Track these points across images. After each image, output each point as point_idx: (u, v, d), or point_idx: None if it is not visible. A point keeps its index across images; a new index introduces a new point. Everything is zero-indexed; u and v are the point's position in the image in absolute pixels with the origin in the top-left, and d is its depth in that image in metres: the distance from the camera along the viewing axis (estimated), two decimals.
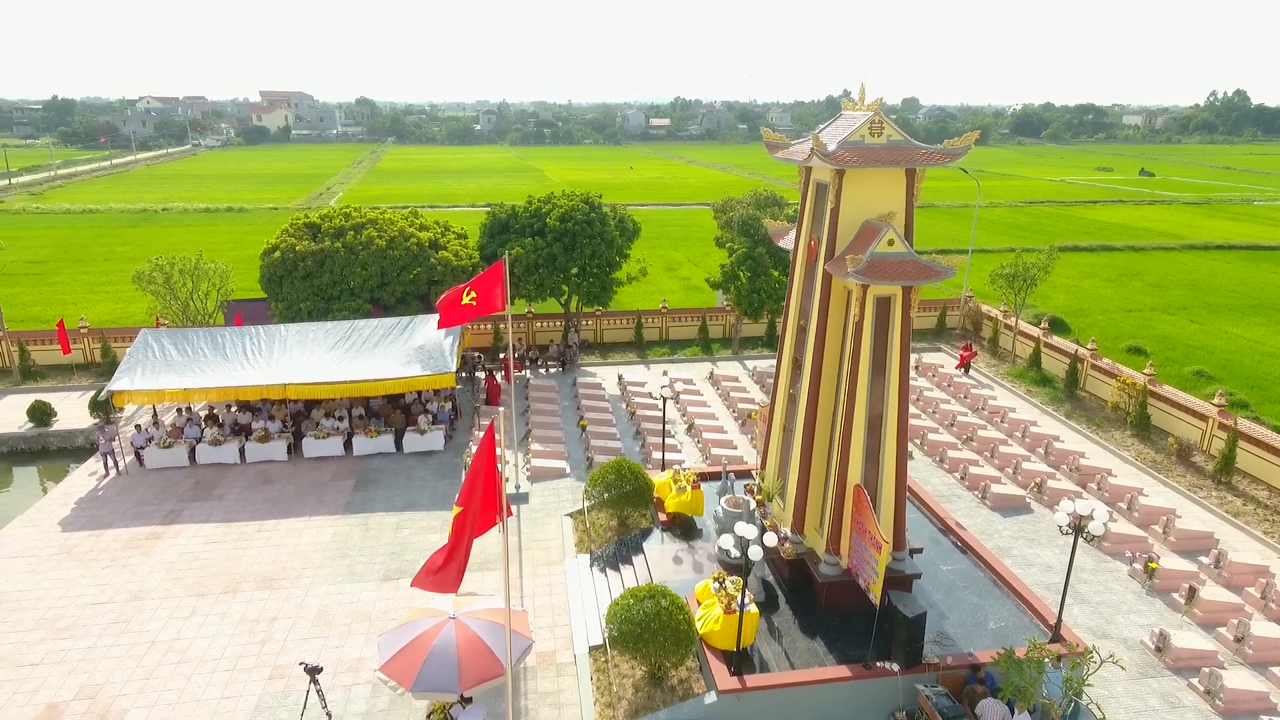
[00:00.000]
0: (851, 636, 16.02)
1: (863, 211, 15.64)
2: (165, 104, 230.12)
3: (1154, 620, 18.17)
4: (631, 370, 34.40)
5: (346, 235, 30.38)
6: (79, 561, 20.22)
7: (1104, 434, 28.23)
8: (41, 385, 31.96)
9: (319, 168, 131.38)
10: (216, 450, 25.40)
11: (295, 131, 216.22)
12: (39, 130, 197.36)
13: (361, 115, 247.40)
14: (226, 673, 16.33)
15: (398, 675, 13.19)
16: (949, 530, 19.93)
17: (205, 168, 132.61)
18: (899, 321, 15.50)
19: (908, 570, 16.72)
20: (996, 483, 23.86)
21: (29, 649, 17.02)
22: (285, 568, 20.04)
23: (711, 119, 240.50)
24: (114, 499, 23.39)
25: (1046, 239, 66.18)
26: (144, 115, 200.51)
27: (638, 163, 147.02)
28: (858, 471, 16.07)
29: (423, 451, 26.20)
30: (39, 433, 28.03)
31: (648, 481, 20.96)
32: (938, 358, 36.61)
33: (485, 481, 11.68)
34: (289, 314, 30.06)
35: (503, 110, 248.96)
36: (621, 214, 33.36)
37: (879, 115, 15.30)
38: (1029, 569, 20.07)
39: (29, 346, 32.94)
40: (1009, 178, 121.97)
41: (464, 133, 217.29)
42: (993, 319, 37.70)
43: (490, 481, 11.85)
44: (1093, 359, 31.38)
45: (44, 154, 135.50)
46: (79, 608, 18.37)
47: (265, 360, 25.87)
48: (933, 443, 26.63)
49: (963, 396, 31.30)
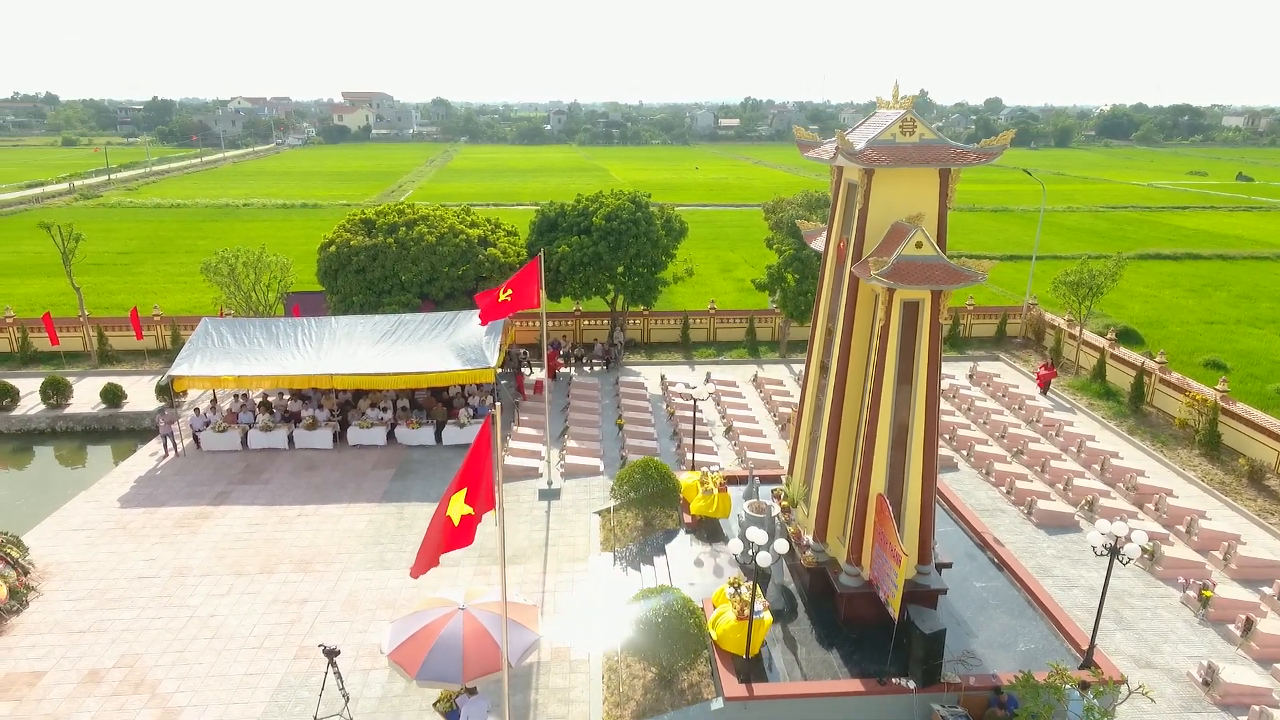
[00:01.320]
0: (870, 650, 15.55)
1: (892, 213, 15.16)
2: (254, 104, 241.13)
3: (1204, 652, 17.06)
4: (675, 371, 34.25)
5: (399, 231, 31.15)
6: (132, 537, 21.30)
7: (1169, 452, 26.69)
8: (116, 369, 33.80)
9: (393, 166, 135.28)
10: (267, 436, 26.41)
11: (374, 131, 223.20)
12: (140, 129, 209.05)
13: (437, 115, 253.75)
14: (254, 650, 16.94)
15: (404, 662, 13.44)
16: (986, 546, 19.15)
17: (286, 165, 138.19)
18: (927, 327, 14.96)
19: (933, 585, 16.13)
20: (1044, 499, 22.82)
21: (79, 617, 18.01)
22: (321, 552, 20.68)
23: (782, 119, 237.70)
24: (170, 479, 24.57)
25: (1126, 245, 63.09)
26: (234, 115, 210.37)
27: (704, 163, 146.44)
28: (881, 481, 15.59)
29: (461, 444, 26.64)
30: (110, 413, 29.67)
31: (675, 482, 20.84)
32: (995, 367, 35.27)
33: (484, 470, 11.71)
34: (342, 306, 31.04)
35: (573, 111, 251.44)
36: (668, 214, 33.26)
37: (910, 113, 14.81)
38: (1070, 590, 19.12)
39: (106, 332, 34.91)
40: (1091, 181, 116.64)
41: (534, 132, 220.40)
42: (1056, 328, 36.09)
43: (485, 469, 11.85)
44: (1161, 372, 29.71)
45: (141, 152, 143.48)
46: (127, 581, 19.35)
47: (315, 351, 26.75)
48: (980, 455, 25.65)
49: (1017, 408, 30.06)
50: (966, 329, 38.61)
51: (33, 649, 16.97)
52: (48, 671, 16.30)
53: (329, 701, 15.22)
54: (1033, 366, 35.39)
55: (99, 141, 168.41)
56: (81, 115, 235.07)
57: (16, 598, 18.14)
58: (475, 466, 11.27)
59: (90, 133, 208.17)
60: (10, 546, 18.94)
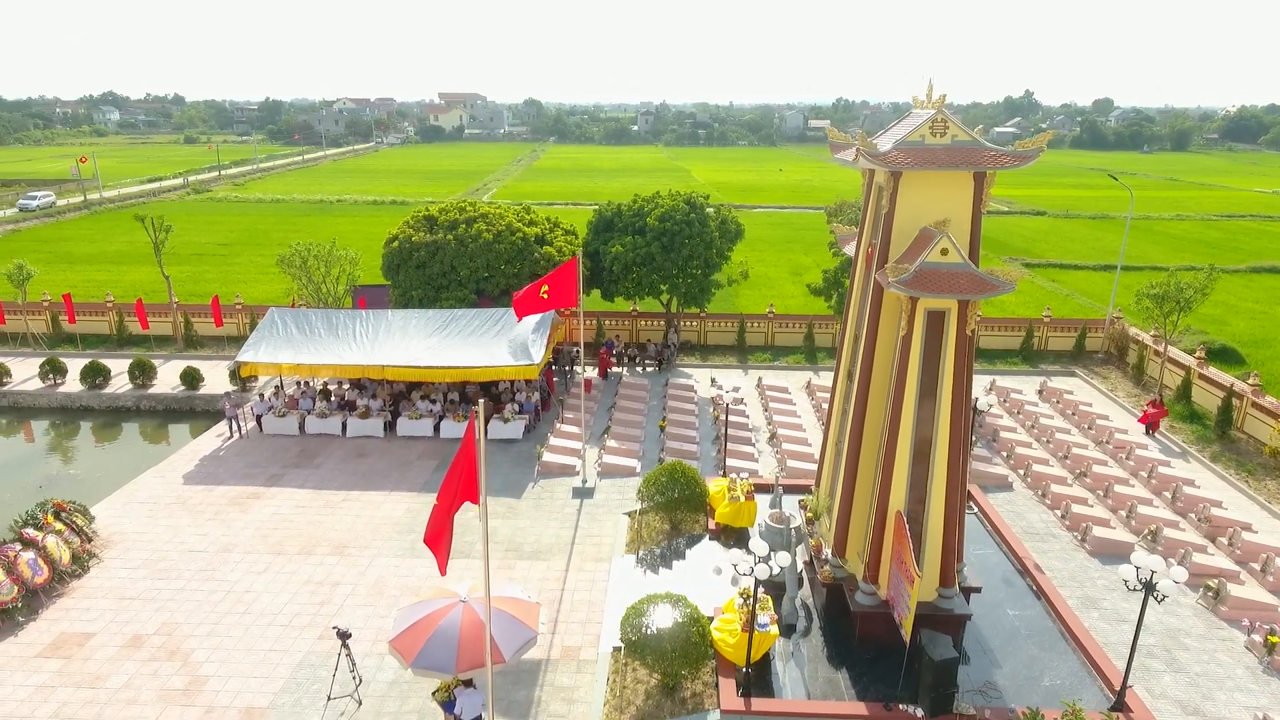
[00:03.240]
0: (882, 673, 14.93)
1: (921, 217, 14.49)
2: (358, 105, 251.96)
3: (1264, 703, 15.60)
4: (727, 374, 33.80)
5: (459, 228, 31.89)
6: (189, 512, 22.58)
7: (1255, 483, 24.57)
8: (199, 353, 35.96)
9: (481, 165, 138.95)
10: (323, 422, 27.54)
11: (467, 131, 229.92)
12: (253, 128, 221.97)
13: (528, 115, 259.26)
14: (281, 628, 17.66)
15: (403, 650, 13.73)
16: (1025, 572, 18.09)
17: (382, 163, 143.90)
18: (953, 338, 14.23)
19: (956, 610, 15.34)
20: (1102, 526, 21.38)
21: (131, 584, 19.21)
22: (357, 537, 21.39)
23: (875, 120, 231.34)
24: (231, 459, 25.92)
25: (1238, 258, 58.66)
26: (337, 115, 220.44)
27: (789, 165, 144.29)
28: (900, 498, 14.93)
29: (504, 439, 27.07)
30: (188, 395, 31.56)
31: (702, 488, 20.56)
32: (1069, 383, 33.28)
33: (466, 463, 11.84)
34: (402, 300, 32.03)
35: (661, 111, 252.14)
36: (724, 215, 32.87)
37: (942, 113, 14.11)
38: (1119, 625, 17.82)
39: (193, 319, 37.17)
40: (1207, 188, 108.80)
41: (621, 133, 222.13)
42: (1140, 343, 33.77)
43: (470, 463, 11.97)
44: (1254, 395, 27.36)
45: (250, 149, 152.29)
46: (178, 553, 20.52)
47: (370, 343, 27.71)
48: (1038, 475, 24.24)
49: (1086, 427, 28.27)
50: (1042, 342, 36.62)
51: (87, 611, 18.21)
52: (96, 634, 17.45)
53: (343, 682, 15.75)
54: (1112, 383, 33.25)
55: (216, 140, 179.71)
56: (203, 115, 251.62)
57: (79, 563, 19.50)
58: (466, 462, 11.43)
59: (209, 131, 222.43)
60: (77, 514, 20.37)
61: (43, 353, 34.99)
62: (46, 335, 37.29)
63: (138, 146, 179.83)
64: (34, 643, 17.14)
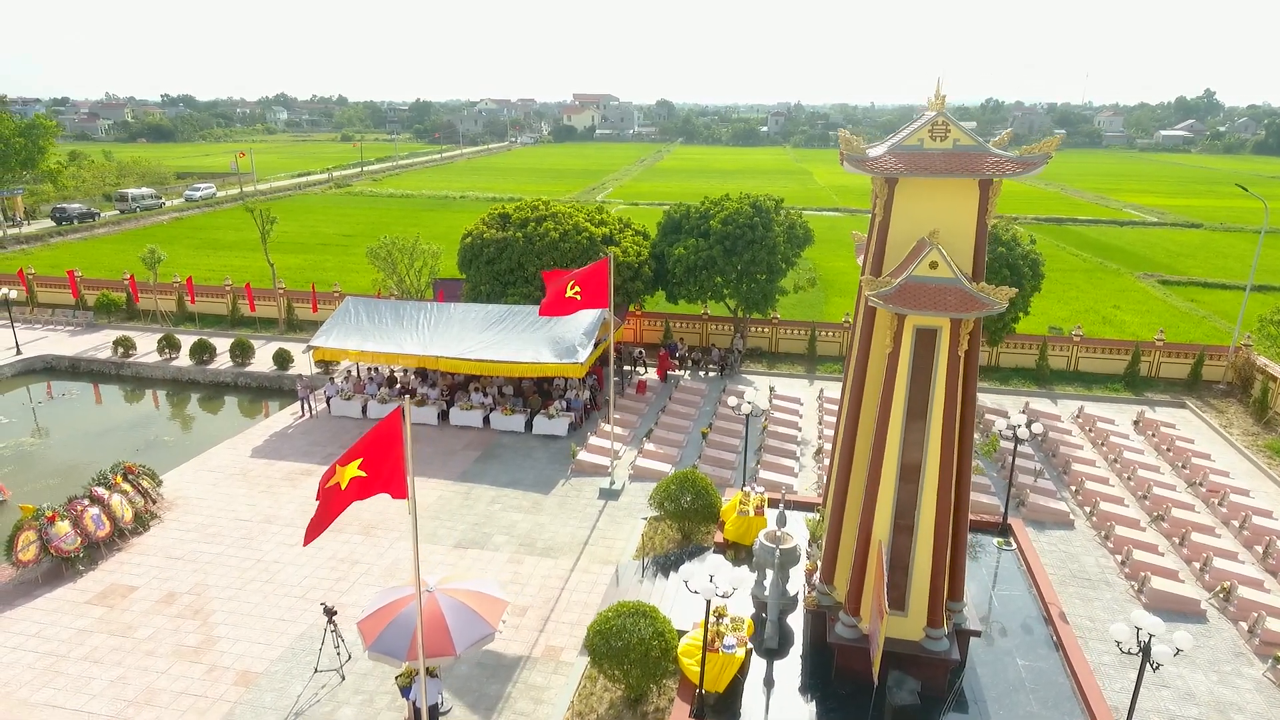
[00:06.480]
0: (854, 712, 14.01)
1: (919, 227, 13.44)
2: (499, 105, 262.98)
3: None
4: (790, 384, 32.75)
5: (528, 226, 32.63)
6: (247, 483, 24.35)
7: None
8: (297, 336, 38.69)
9: (605, 164, 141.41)
10: (383, 407, 28.93)
11: (598, 131, 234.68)
12: (402, 127, 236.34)
13: (658, 116, 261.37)
14: (294, 599, 18.72)
15: (366, 633, 14.21)
16: (1049, 620, 16.44)
17: (511, 162, 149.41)
18: (944, 358, 13.11)
19: (939, 652, 14.15)
20: (1168, 577, 19.08)
21: (180, 545, 20.95)
22: (386, 519, 22.34)
23: (1023, 122, 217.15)
24: (296, 437, 27.73)
25: None
26: (478, 115, 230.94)
27: None
28: (884, 527, 13.94)
29: (548, 435, 27.46)
30: (278, 375, 34.05)
31: (714, 499, 20.03)
32: (1175, 415, 29.89)
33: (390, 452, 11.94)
34: (472, 294, 33.14)
35: (793, 112, 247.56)
36: (792, 219, 31.82)
37: (943, 115, 13.02)
38: (1159, 692, 15.86)
39: (294, 304, 40.06)
40: None
41: (749, 134, 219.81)
42: (1266, 374, 29.87)
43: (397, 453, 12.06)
44: None
45: (392, 147, 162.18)
46: (227, 520, 22.18)
47: (429, 334, 28.85)
48: (1105, 514, 21.96)
49: (1180, 466, 25.31)
50: (1152, 368, 33.12)
51: (137, 566, 20.02)
52: (139, 588, 19.16)
53: (330, 656, 16.51)
54: (1228, 419, 29.62)
55: (367, 138, 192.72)
56: (360, 115, 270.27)
57: (140, 521, 21.48)
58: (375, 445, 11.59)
59: (364, 130, 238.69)
60: (144, 477, 22.43)
61: (166, 329, 38.78)
62: (173, 314, 41.29)
63: (298, 144, 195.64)
64: (87, 590, 19.03)
